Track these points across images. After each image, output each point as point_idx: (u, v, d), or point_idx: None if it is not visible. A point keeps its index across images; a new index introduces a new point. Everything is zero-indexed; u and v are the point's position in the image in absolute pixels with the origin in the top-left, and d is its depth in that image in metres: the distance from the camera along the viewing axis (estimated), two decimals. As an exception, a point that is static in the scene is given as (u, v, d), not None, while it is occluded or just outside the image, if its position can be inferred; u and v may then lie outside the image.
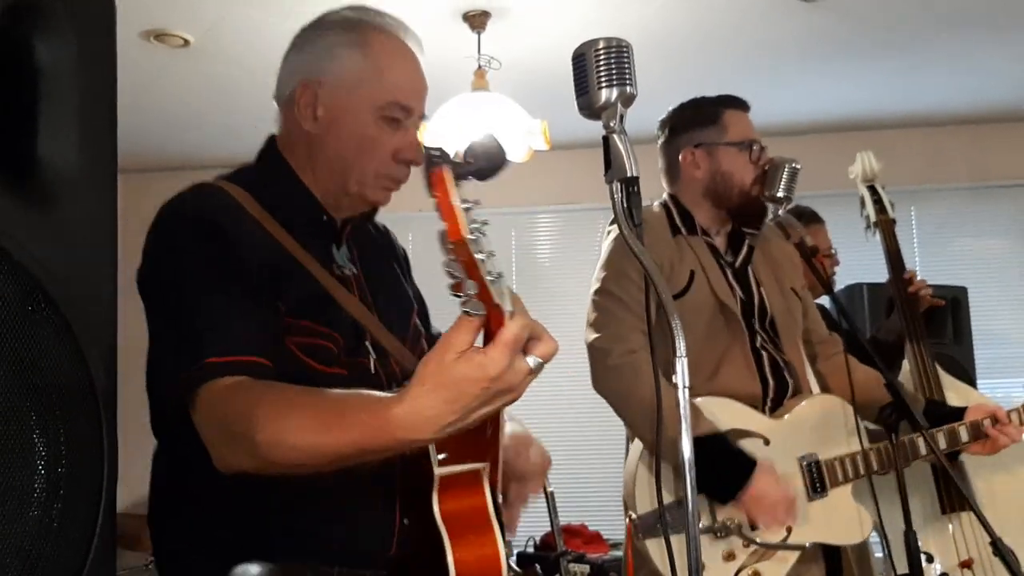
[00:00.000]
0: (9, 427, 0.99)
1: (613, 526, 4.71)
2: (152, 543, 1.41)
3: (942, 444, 2.26)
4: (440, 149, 1.07)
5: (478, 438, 1.28)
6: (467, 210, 1.04)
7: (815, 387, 2.31)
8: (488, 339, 1.05)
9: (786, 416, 2.17)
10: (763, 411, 2.17)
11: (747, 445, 2.07)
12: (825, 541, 2.13)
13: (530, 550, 4.41)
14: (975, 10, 3.89)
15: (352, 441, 1.11)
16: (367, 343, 1.41)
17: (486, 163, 1.06)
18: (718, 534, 1.99)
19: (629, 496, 2.08)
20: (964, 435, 2.28)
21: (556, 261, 5.61)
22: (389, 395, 1.10)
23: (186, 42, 3.94)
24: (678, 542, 1.87)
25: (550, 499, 1.77)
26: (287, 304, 1.32)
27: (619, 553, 4.53)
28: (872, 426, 2.27)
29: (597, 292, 2.20)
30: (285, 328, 1.31)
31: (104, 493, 1.09)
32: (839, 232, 4.92)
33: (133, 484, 1.43)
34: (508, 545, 1.32)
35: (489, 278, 1.02)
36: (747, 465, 2.02)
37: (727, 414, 2.08)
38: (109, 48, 1.14)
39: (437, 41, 3.96)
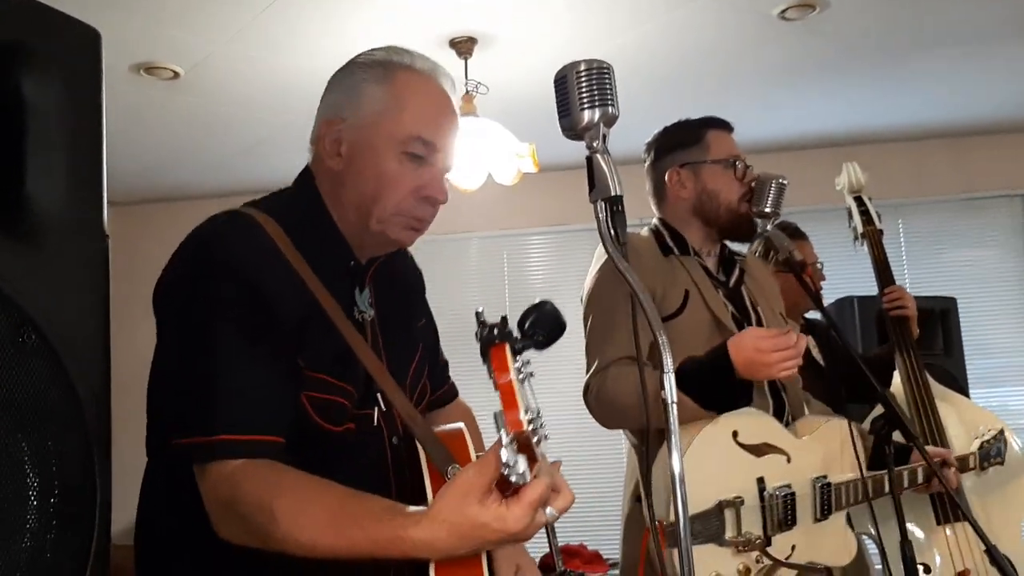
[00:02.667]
0: (0, 459, 1.00)
1: (612, 545, 4.70)
2: (136, 560, 1.40)
3: (919, 479, 2.31)
4: (502, 323, 1.05)
5: None
6: (521, 381, 1.04)
7: (805, 409, 2.34)
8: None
9: (807, 437, 2.17)
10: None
11: (771, 461, 2.07)
12: (820, 561, 2.14)
13: (529, 573, 4.39)
14: (957, 29, 3.94)
15: (364, 548, 1.14)
16: (376, 393, 1.42)
17: (545, 337, 1.06)
18: (739, 548, 1.98)
19: (660, 499, 2.02)
20: (920, 476, 2.33)
21: (548, 282, 5.63)
22: (404, 512, 1.13)
23: (176, 75, 3.97)
24: (698, 552, 1.88)
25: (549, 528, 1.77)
26: (307, 358, 1.31)
27: (617, 573, 4.52)
28: None
29: (586, 309, 2.20)
30: (302, 381, 1.30)
31: (97, 523, 1.09)
32: (828, 247, 4.95)
33: (122, 514, 1.43)
34: None
35: (537, 449, 1.04)
36: (719, 348, 2.00)
37: (759, 426, 2.07)
38: (96, 86, 1.16)
39: (424, 68, 3.98)
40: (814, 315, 3.32)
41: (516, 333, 1.06)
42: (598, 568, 4.49)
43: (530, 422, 1.01)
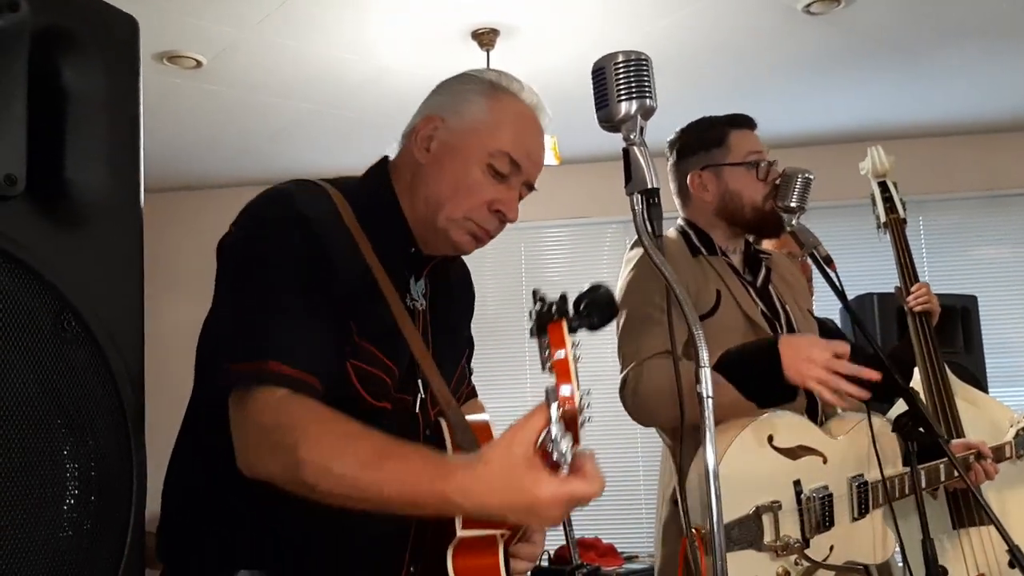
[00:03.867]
0: (40, 446, 1.00)
1: (627, 539, 4.71)
2: (159, 531, 1.41)
3: (923, 482, 2.28)
4: (561, 300, 1.06)
5: None
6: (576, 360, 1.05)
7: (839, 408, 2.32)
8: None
9: (842, 436, 2.17)
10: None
11: (807, 463, 2.06)
12: (859, 560, 2.13)
13: (544, 564, 4.40)
14: (983, 21, 3.90)
15: (400, 485, 1.12)
16: (418, 380, 1.43)
17: (599, 319, 1.08)
18: (778, 552, 1.98)
19: (693, 511, 1.99)
20: (943, 474, 2.30)
21: (565, 274, 5.63)
22: (451, 457, 1.18)
23: (198, 64, 3.97)
24: (736, 558, 1.87)
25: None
26: (358, 324, 1.33)
27: (633, 566, 4.52)
28: None
29: (621, 303, 2.15)
30: (351, 349, 1.32)
31: (133, 511, 1.10)
32: (849, 242, 4.93)
33: (155, 501, 1.44)
34: None
35: (580, 431, 1.05)
36: (769, 342, 1.97)
37: (794, 428, 2.06)
38: (134, 72, 1.16)
39: (447, 59, 3.99)
40: (820, 311, 3.30)
41: (571, 311, 1.07)
42: (613, 561, 4.49)
43: (579, 399, 1.02)
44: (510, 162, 1.43)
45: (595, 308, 1.07)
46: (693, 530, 1.92)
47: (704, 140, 2.30)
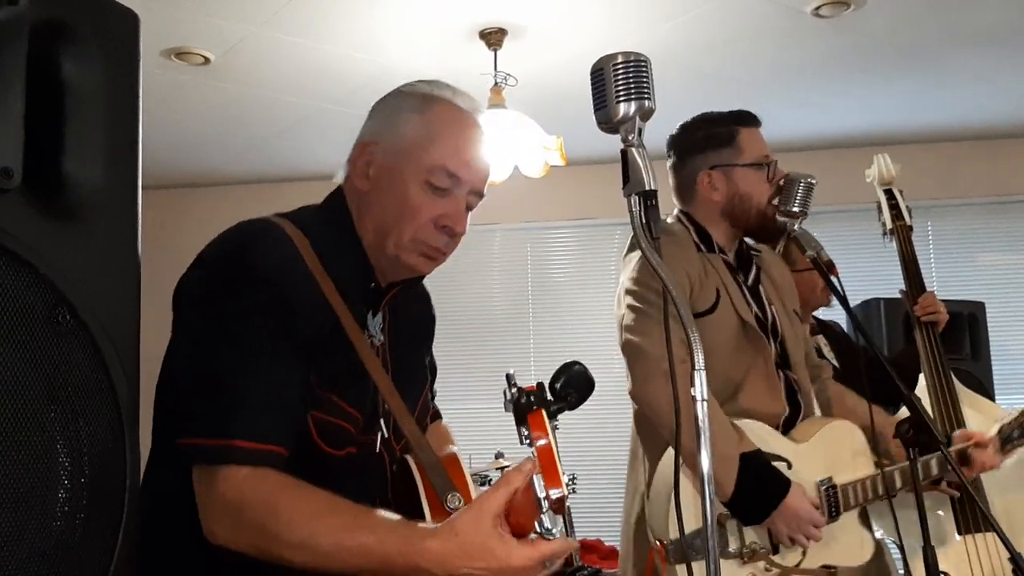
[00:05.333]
0: (33, 437, 1.00)
1: (629, 542, 4.69)
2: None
3: (934, 471, 2.27)
4: (539, 389, 1.13)
5: None
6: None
7: (817, 410, 2.32)
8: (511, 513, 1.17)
9: (807, 440, 2.16)
10: (780, 431, 2.16)
11: None
12: (834, 563, 2.13)
13: (546, 566, 4.39)
14: (992, 27, 3.89)
15: (374, 556, 1.17)
16: (381, 420, 1.43)
17: (576, 398, 1.13)
18: (745, 558, 1.98)
19: (659, 518, 2.04)
20: (934, 468, 2.30)
21: (571, 275, 5.62)
22: (420, 525, 1.20)
23: (206, 60, 3.98)
24: (702, 567, 1.87)
25: (566, 514, 1.77)
26: (320, 375, 1.32)
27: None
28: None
29: (633, 295, 2.14)
30: (312, 400, 1.32)
31: (126, 503, 1.10)
32: (855, 247, 4.92)
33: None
34: None
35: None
36: (783, 485, 2.02)
37: (753, 436, 2.07)
38: (134, 66, 1.16)
39: (454, 59, 3.99)
40: (827, 315, 3.29)
41: (548, 395, 1.14)
42: (615, 564, 4.48)
43: (566, 484, 1.08)
44: (448, 175, 1.40)
45: (573, 387, 1.12)
46: (657, 542, 1.93)
47: (713, 138, 2.27)
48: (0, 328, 0.97)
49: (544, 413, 1.09)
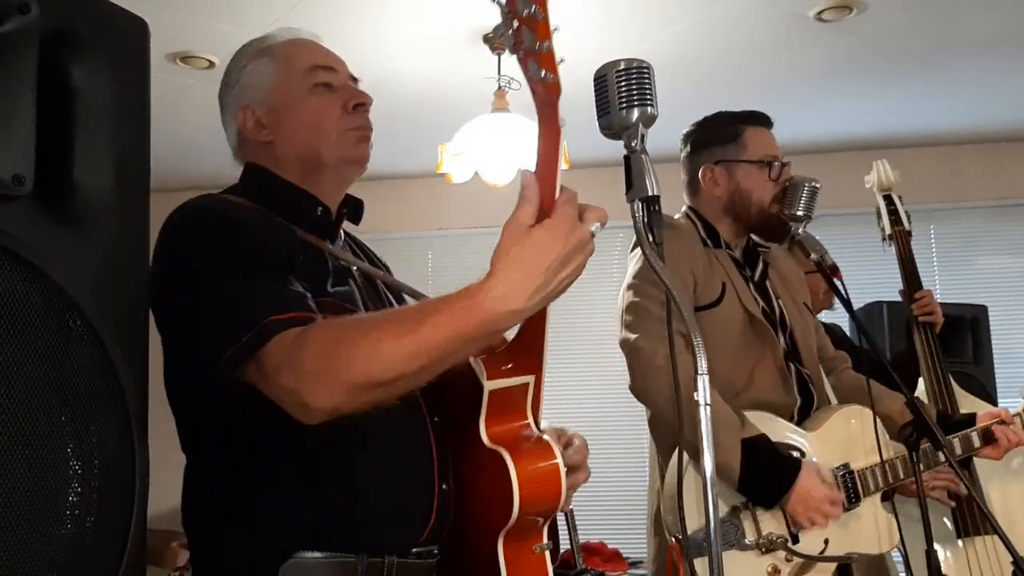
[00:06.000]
0: (45, 442, 1.01)
1: (633, 544, 4.70)
2: (191, 549, 1.39)
3: (957, 450, 2.27)
4: None
5: (526, 347, 1.32)
6: None
7: (833, 400, 2.32)
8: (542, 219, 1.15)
9: (818, 429, 2.17)
10: (793, 422, 2.17)
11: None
12: (858, 551, 2.12)
13: (549, 569, 4.39)
14: (994, 30, 3.89)
15: (446, 333, 1.13)
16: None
17: None
18: (763, 549, 1.98)
19: (673, 515, 2.03)
20: (976, 440, 2.30)
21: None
22: (470, 284, 1.15)
23: (211, 64, 4.00)
24: (726, 559, 1.88)
25: (569, 516, 1.77)
26: (311, 285, 1.32)
27: (638, 571, 4.52)
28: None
29: (634, 290, 2.16)
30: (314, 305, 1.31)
31: (135, 508, 1.11)
32: (857, 250, 4.92)
33: (155, 499, 1.44)
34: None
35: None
36: (793, 466, 2.02)
37: (764, 427, 2.07)
38: (143, 73, 1.18)
39: (458, 63, 4.00)
40: (829, 318, 3.30)
41: None
42: (618, 567, 4.49)
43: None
44: (323, 68, 1.49)
45: None
46: (673, 539, 1.93)
47: (719, 135, 2.30)
48: (13, 334, 0.99)
49: None
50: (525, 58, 1.15)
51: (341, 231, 1.53)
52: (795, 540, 2.02)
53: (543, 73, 1.14)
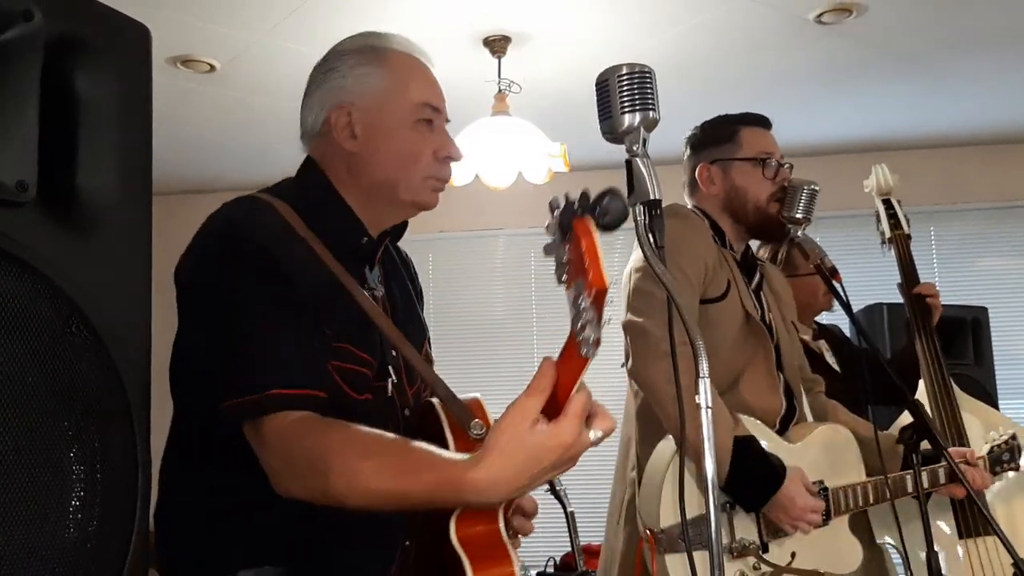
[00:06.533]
0: (48, 448, 1.02)
1: (633, 547, 4.69)
2: (157, 545, 1.43)
3: (925, 484, 2.27)
4: (584, 197, 1.08)
5: None
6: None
7: (809, 416, 2.34)
8: (549, 410, 1.12)
9: (800, 442, 2.18)
10: (774, 429, 2.18)
11: None
12: (823, 569, 2.13)
13: (550, 570, 4.41)
14: (994, 32, 3.90)
15: (422, 496, 1.17)
16: (389, 367, 1.46)
17: (612, 220, 1.11)
18: (734, 553, 1.99)
19: (650, 507, 2.04)
20: (942, 477, 2.30)
21: (575, 281, 5.63)
22: (461, 457, 1.16)
23: (212, 68, 4.00)
24: (699, 558, 1.88)
25: (570, 519, 1.77)
26: (331, 328, 1.35)
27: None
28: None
29: (640, 273, 2.15)
30: (331, 352, 1.35)
31: (138, 512, 1.11)
32: (857, 252, 4.92)
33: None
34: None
35: (605, 324, 1.08)
36: (780, 471, 2.02)
37: (752, 433, 2.08)
38: (145, 79, 1.18)
39: (458, 66, 4.00)
40: (828, 319, 3.31)
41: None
42: (619, 568, 4.49)
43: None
44: (431, 108, 1.48)
45: (611, 210, 1.09)
46: (647, 531, 1.93)
47: (715, 135, 2.33)
48: (16, 339, 0.99)
49: (589, 220, 1.06)
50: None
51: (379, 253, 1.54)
52: (765, 549, 2.03)
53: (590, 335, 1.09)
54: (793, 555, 2.06)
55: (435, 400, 1.38)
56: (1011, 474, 2.59)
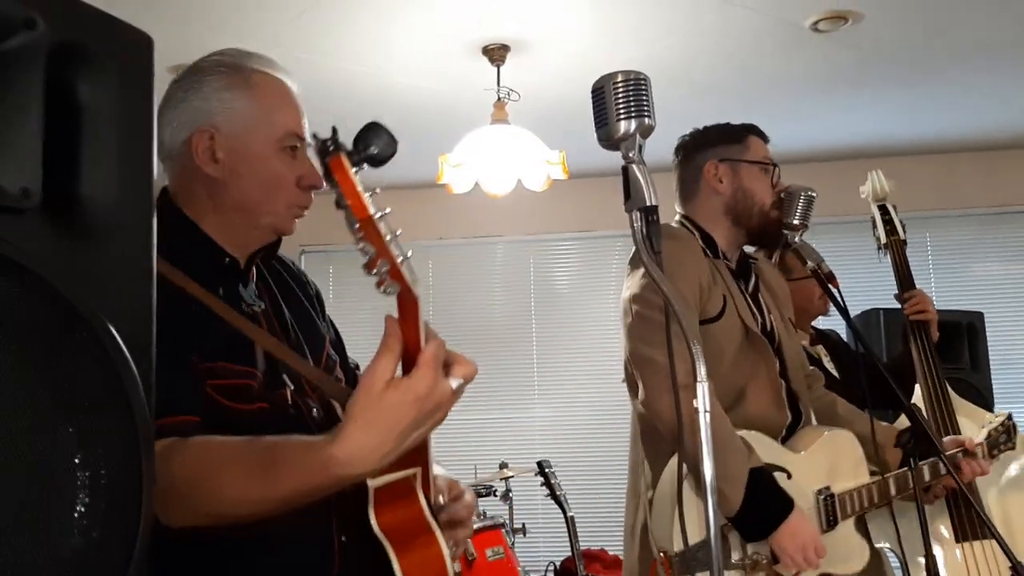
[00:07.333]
0: (52, 454, 1.02)
1: (632, 553, 4.70)
2: None
3: (927, 477, 2.29)
4: (333, 137, 1.09)
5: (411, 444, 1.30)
6: (371, 195, 1.07)
7: (812, 419, 2.35)
8: (407, 368, 1.10)
9: (803, 451, 2.19)
10: (780, 440, 2.18)
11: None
12: (832, 572, 2.14)
13: (550, 575, 4.41)
14: (990, 38, 3.92)
15: (292, 486, 1.15)
16: (283, 375, 1.45)
17: (377, 150, 1.10)
18: (747, 569, 1.99)
19: (662, 530, 2.03)
20: (942, 468, 2.31)
21: (574, 288, 5.65)
22: (321, 438, 1.14)
23: (210, 76, 4.01)
24: None
25: (571, 524, 1.78)
26: (201, 352, 1.34)
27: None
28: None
29: (641, 303, 2.12)
30: (204, 374, 1.34)
31: (142, 519, 1.12)
32: (853, 258, 4.94)
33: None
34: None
35: (399, 257, 1.07)
36: (787, 504, 2.02)
37: (756, 446, 2.08)
38: (148, 88, 1.19)
39: (457, 74, 4.02)
40: (824, 323, 3.32)
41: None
42: (618, 573, 4.49)
43: (381, 217, 1.03)
44: (296, 136, 1.47)
45: (373, 140, 1.08)
46: (661, 554, 1.93)
47: (725, 135, 2.33)
48: (19, 347, 0.99)
49: (343, 156, 1.05)
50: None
51: (254, 270, 1.54)
52: (776, 560, 2.04)
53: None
54: None
55: (334, 402, 1.39)
56: (1011, 473, 2.60)
